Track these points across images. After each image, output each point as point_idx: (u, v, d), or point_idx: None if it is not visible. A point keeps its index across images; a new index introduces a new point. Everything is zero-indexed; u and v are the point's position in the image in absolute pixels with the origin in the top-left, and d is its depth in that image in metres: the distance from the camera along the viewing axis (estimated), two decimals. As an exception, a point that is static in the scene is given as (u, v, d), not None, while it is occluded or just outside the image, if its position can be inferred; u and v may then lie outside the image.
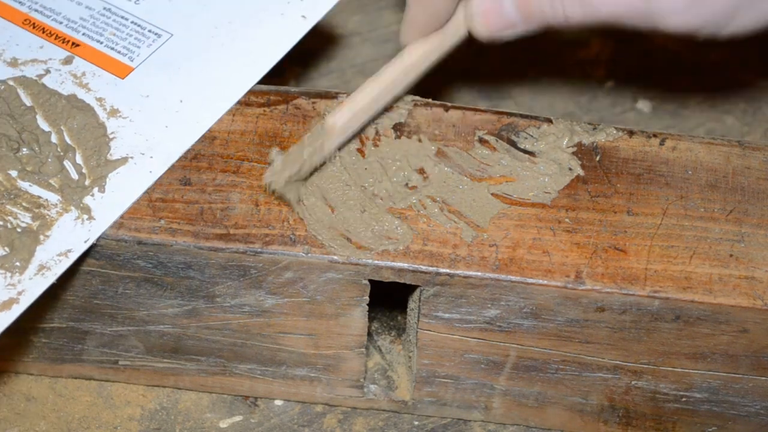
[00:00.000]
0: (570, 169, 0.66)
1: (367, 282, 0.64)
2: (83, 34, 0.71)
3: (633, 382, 0.67)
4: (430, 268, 0.63)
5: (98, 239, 0.63)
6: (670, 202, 0.65)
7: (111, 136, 0.66)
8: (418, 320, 0.65)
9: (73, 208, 0.64)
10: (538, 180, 0.66)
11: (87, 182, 0.64)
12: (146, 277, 0.64)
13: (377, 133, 0.67)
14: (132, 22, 0.71)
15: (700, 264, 0.63)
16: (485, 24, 0.65)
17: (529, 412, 0.70)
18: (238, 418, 0.71)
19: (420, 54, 0.66)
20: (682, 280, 0.63)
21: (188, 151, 0.66)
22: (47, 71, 0.69)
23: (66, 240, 0.62)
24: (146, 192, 0.64)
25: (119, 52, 0.70)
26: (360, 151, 0.66)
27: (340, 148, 0.65)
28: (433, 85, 0.86)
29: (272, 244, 0.63)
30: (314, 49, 0.87)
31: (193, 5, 0.72)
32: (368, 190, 0.65)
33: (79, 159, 0.65)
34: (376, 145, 0.66)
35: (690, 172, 0.67)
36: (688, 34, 0.63)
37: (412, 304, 0.68)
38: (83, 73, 0.69)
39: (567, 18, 0.63)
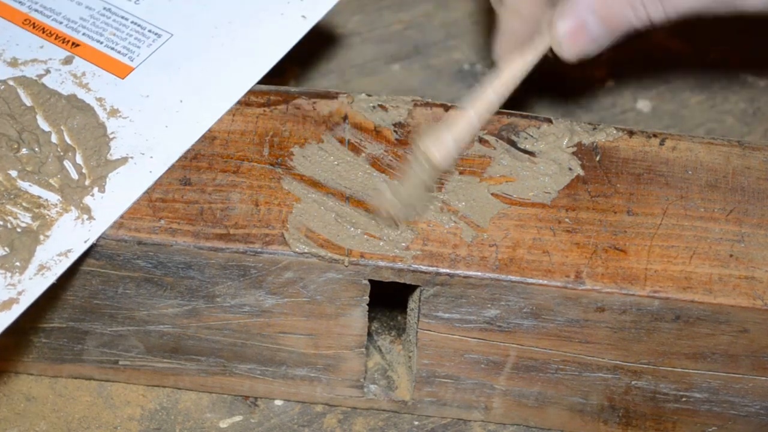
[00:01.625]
0: (570, 169, 0.66)
1: (367, 282, 0.64)
2: (83, 34, 0.71)
3: (633, 382, 0.67)
4: (430, 268, 0.63)
5: (98, 239, 0.63)
6: (670, 202, 0.65)
7: (111, 136, 0.66)
8: (418, 320, 0.65)
9: (73, 208, 0.64)
10: (538, 180, 0.66)
11: (87, 182, 0.64)
12: (146, 277, 0.64)
13: (377, 132, 0.67)
14: (132, 22, 0.71)
15: (700, 264, 0.63)
16: (573, 46, 0.64)
17: (529, 412, 0.70)
18: (238, 418, 0.71)
19: (519, 68, 0.65)
20: (682, 280, 0.63)
21: (188, 151, 0.66)
22: (47, 71, 0.69)
23: (66, 240, 0.62)
24: (146, 192, 0.64)
25: (119, 52, 0.70)
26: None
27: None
28: (433, 84, 0.86)
29: (272, 244, 0.63)
30: (314, 49, 0.87)
31: (193, 5, 0.72)
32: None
33: (79, 159, 0.65)
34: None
35: (690, 172, 0.67)
36: (759, 11, 0.63)
37: (412, 304, 0.68)
38: (83, 73, 0.69)
39: (651, 20, 0.63)
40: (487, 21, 0.87)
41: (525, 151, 0.67)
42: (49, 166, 0.64)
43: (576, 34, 0.64)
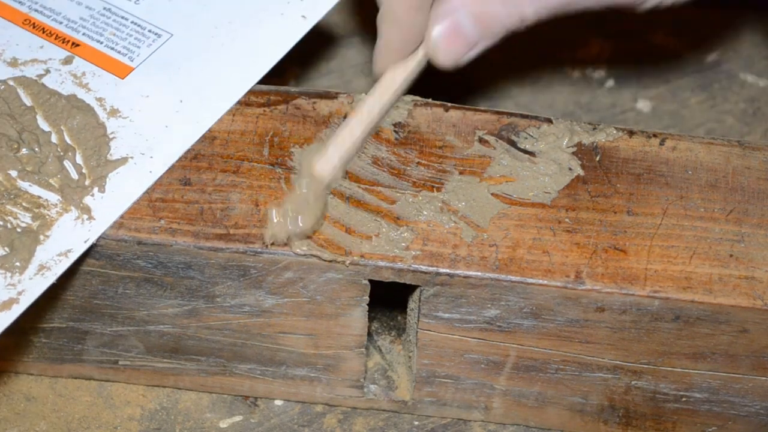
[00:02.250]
0: (570, 169, 0.66)
1: (367, 282, 0.64)
2: (83, 34, 0.71)
3: (633, 382, 0.67)
4: (430, 268, 0.63)
5: (98, 239, 0.63)
6: (670, 202, 0.65)
7: (111, 136, 0.66)
8: (418, 320, 0.65)
9: (73, 208, 0.64)
10: (538, 180, 0.66)
11: (87, 182, 0.64)
12: (146, 277, 0.64)
13: (377, 132, 0.67)
14: (132, 22, 0.71)
15: (700, 264, 0.63)
16: (448, 50, 0.64)
17: (529, 412, 0.70)
18: (238, 418, 0.71)
19: (400, 80, 0.65)
20: (682, 280, 0.63)
21: (188, 151, 0.66)
22: (47, 71, 0.69)
23: (66, 240, 0.62)
24: (146, 192, 0.64)
25: (119, 52, 0.70)
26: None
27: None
28: (433, 84, 0.86)
29: (272, 244, 0.63)
30: (314, 49, 0.87)
31: (193, 5, 0.72)
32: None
33: (79, 159, 0.65)
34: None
35: (690, 172, 0.67)
36: (631, 6, 0.62)
37: (412, 304, 0.68)
38: (83, 73, 0.69)
39: (523, 19, 0.63)
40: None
41: (525, 151, 0.67)
42: (49, 166, 0.64)
43: (450, 36, 0.63)
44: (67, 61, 0.69)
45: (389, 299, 0.71)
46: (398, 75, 0.65)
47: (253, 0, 0.72)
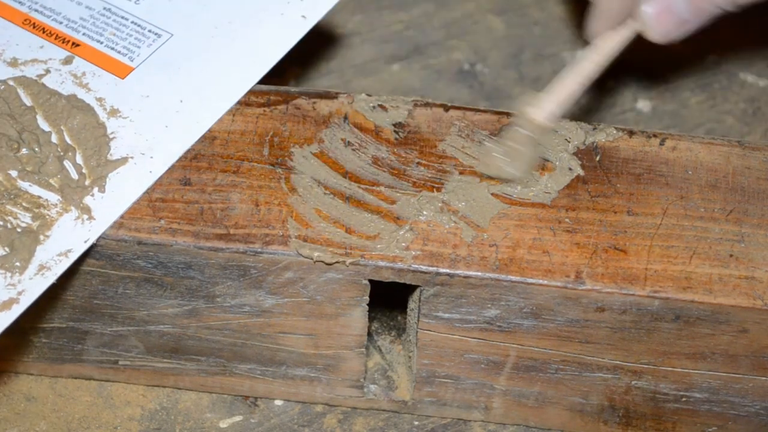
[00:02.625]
0: (570, 169, 0.66)
1: (367, 282, 0.64)
2: (83, 34, 0.71)
3: (633, 382, 0.67)
4: (430, 268, 0.63)
5: (98, 239, 0.63)
6: (670, 202, 0.65)
7: (111, 136, 0.66)
8: (418, 320, 0.65)
9: (73, 208, 0.64)
10: (538, 180, 0.66)
11: (87, 182, 0.64)
12: (146, 277, 0.64)
13: (377, 132, 0.67)
14: (132, 22, 0.71)
15: (700, 264, 0.63)
16: (659, 26, 0.66)
17: (529, 412, 0.70)
18: (238, 418, 0.71)
19: (614, 43, 0.67)
20: (682, 280, 0.63)
21: (188, 151, 0.66)
22: (47, 71, 0.69)
23: (66, 240, 0.62)
24: (146, 192, 0.64)
25: (119, 52, 0.70)
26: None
27: None
28: (433, 84, 0.86)
29: (272, 244, 0.63)
30: (314, 49, 0.87)
31: (193, 5, 0.72)
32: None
33: (79, 159, 0.65)
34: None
35: (690, 172, 0.67)
36: None
37: (412, 304, 0.68)
38: (83, 73, 0.69)
39: (735, 2, 0.63)
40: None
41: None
42: (49, 166, 0.64)
43: (663, 14, 0.65)
44: (67, 61, 0.69)
45: (389, 299, 0.71)
46: (612, 42, 0.68)
47: (253, 0, 0.72)
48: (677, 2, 0.65)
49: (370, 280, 0.64)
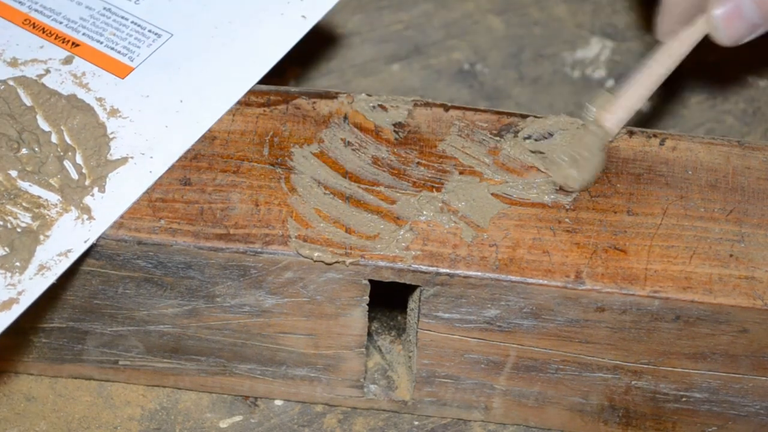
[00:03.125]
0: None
1: (367, 282, 0.64)
2: (83, 34, 0.71)
3: (633, 382, 0.67)
4: (430, 268, 0.63)
5: (98, 239, 0.63)
6: (670, 202, 0.65)
7: (111, 136, 0.66)
8: (418, 320, 0.65)
9: (73, 208, 0.64)
10: (538, 180, 0.66)
11: (87, 182, 0.64)
12: (146, 277, 0.64)
13: (377, 132, 0.67)
14: (132, 22, 0.71)
15: (700, 264, 0.63)
16: (728, 30, 0.65)
17: (529, 412, 0.70)
18: (238, 418, 0.71)
19: (683, 48, 0.67)
20: (682, 280, 0.63)
21: (188, 151, 0.66)
22: (47, 71, 0.69)
23: (66, 240, 0.62)
24: (146, 192, 0.64)
25: (119, 52, 0.70)
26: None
27: None
28: (433, 84, 0.86)
29: (272, 244, 0.63)
30: (314, 49, 0.87)
31: (193, 5, 0.72)
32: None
33: (79, 159, 0.65)
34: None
35: (690, 172, 0.67)
36: None
37: (412, 304, 0.68)
38: (83, 73, 0.69)
39: None
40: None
41: (526, 151, 0.67)
42: (49, 166, 0.64)
43: (732, 18, 0.65)
44: (67, 61, 0.69)
45: (389, 299, 0.71)
46: (681, 44, 0.67)
47: (253, 0, 0.72)
48: (747, 7, 0.65)
49: (370, 280, 0.64)
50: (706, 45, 0.69)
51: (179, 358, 0.69)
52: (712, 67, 0.88)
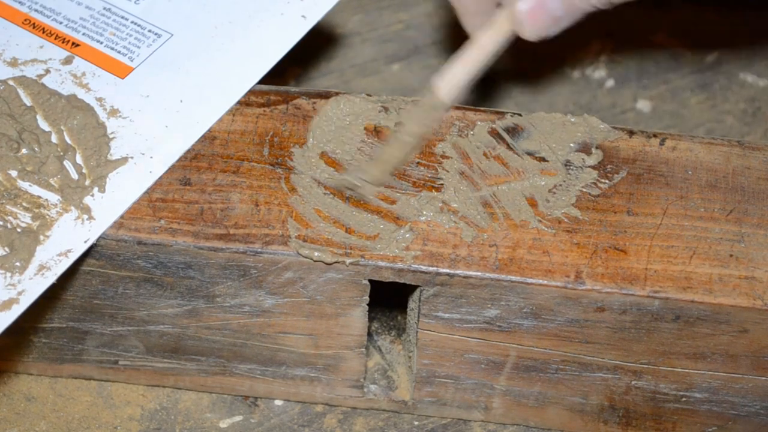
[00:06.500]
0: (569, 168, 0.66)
1: (367, 282, 0.64)
2: (83, 34, 0.71)
3: (633, 382, 0.67)
4: (430, 268, 0.63)
5: (98, 239, 0.63)
6: (670, 202, 0.65)
7: (111, 136, 0.66)
8: (418, 320, 0.65)
9: (73, 208, 0.64)
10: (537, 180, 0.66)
11: (87, 182, 0.64)
12: (146, 277, 0.64)
13: (377, 132, 0.67)
14: (132, 22, 0.71)
15: (700, 264, 0.63)
16: (533, 24, 0.64)
17: (529, 412, 0.70)
18: (238, 418, 0.71)
19: (490, 44, 0.66)
20: (682, 280, 0.63)
21: (188, 151, 0.66)
22: (47, 71, 0.69)
23: (66, 240, 0.62)
24: (146, 192, 0.64)
25: (119, 52, 0.70)
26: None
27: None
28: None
29: (272, 244, 0.63)
30: (314, 49, 0.87)
31: (193, 5, 0.72)
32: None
33: (79, 159, 0.65)
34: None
35: (690, 172, 0.67)
36: None
37: (412, 304, 0.68)
38: (83, 73, 0.69)
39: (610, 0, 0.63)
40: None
41: (525, 151, 0.67)
42: (49, 166, 0.64)
43: (536, 11, 0.64)
44: (67, 61, 0.69)
45: (389, 299, 0.71)
46: (489, 40, 0.66)
47: (253, 0, 0.72)
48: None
49: (370, 280, 0.64)
50: (704, 45, 0.69)
51: (179, 358, 0.69)
52: (712, 67, 0.88)
